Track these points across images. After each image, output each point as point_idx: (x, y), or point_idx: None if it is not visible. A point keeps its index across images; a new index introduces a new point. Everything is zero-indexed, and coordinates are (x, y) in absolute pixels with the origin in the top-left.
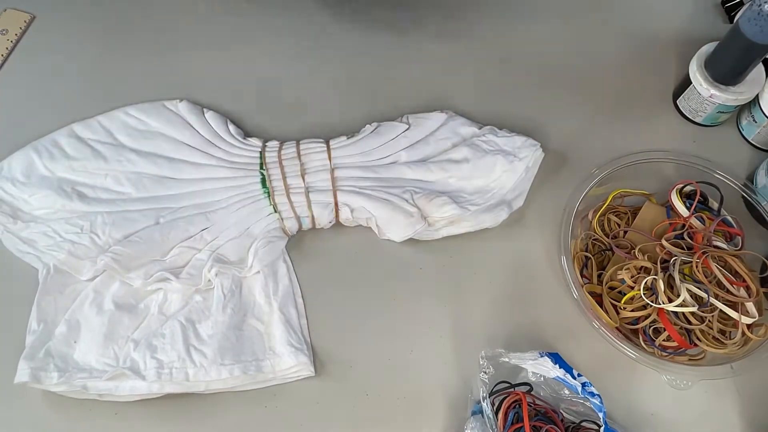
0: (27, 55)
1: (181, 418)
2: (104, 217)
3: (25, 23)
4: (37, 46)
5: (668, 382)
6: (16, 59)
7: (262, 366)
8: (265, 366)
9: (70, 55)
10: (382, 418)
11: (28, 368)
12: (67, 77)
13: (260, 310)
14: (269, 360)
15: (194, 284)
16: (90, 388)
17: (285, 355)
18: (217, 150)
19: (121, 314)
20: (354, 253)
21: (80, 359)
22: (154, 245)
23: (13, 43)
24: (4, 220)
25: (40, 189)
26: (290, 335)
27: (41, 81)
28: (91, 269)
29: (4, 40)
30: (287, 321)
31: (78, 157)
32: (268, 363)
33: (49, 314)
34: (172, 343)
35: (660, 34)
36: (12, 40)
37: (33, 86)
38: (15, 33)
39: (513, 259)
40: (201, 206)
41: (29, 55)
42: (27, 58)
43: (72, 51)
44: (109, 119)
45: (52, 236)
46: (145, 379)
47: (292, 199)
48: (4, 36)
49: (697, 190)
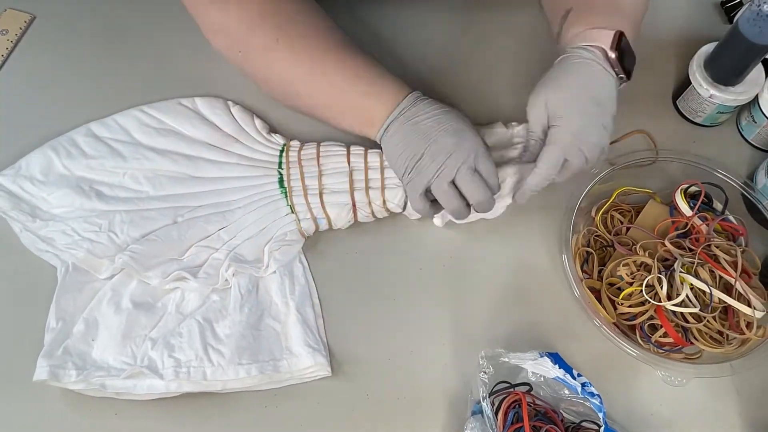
0: (27, 55)
1: (180, 419)
2: (122, 216)
3: (25, 23)
4: (37, 46)
5: (663, 378)
6: (16, 59)
7: (279, 366)
8: (282, 366)
9: (70, 55)
10: (382, 418)
11: (47, 366)
12: (67, 77)
13: (277, 310)
14: (286, 360)
15: (211, 284)
16: (108, 386)
17: (302, 356)
18: (239, 146)
19: (139, 313)
20: (354, 253)
21: (98, 357)
22: (172, 244)
23: (13, 43)
24: (23, 218)
25: (59, 187)
26: (307, 335)
27: (41, 81)
28: (109, 268)
29: (4, 40)
30: (304, 321)
31: (96, 155)
32: (285, 363)
33: (67, 312)
34: (189, 342)
35: (660, 34)
36: (12, 40)
37: (33, 86)
38: (15, 33)
39: (513, 259)
40: (218, 205)
41: (29, 55)
42: (27, 58)
43: (72, 51)
44: (125, 118)
45: (71, 235)
46: (163, 378)
47: (310, 200)
48: (4, 36)
49: (701, 191)
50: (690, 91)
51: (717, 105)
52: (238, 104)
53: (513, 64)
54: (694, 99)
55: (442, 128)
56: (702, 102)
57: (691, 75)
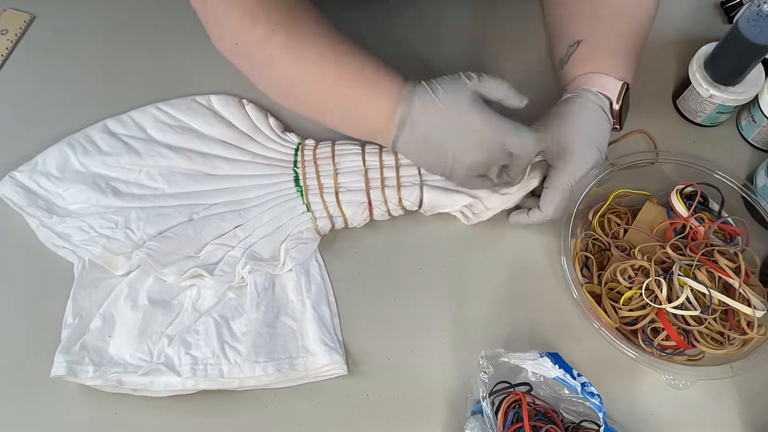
0: (27, 55)
1: (181, 419)
2: (138, 213)
3: (25, 23)
4: (37, 46)
5: (667, 381)
6: (16, 59)
7: (296, 364)
8: (299, 364)
9: (70, 55)
10: (381, 418)
11: (64, 362)
12: (67, 77)
13: (293, 308)
14: (302, 358)
15: (228, 281)
16: (125, 382)
17: (319, 354)
18: (253, 144)
19: (155, 310)
20: (354, 253)
21: (115, 353)
22: (188, 241)
23: (13, 43)
24: (39, 214)
25: (75, 184)
26: (324, 334)
27: (41, 81)
28: (125, 264)
29: (4, 40)
30: (320, 319)
31: (111, 152)
32: (302, 361)
33: (84, 308)
34: (206, 340)
35: (660, 34)
36: (12, 40)
37: (33, 86)
38: (15, 33)
39: (513, 259)
40: (234, 203)
41: (29, 55)
42: (27, 58)
43: (72, 51)
44: (141, 114)
45: (87, 231)
46: (180, 375)
47: (325, 199)
48: (4, 36)
49: (697, 191)
50: (690, 91)
51: (717, 105)
52: (252, 102)
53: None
54: (694, 99)
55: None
56: (702, 102)
57: (691, 75)
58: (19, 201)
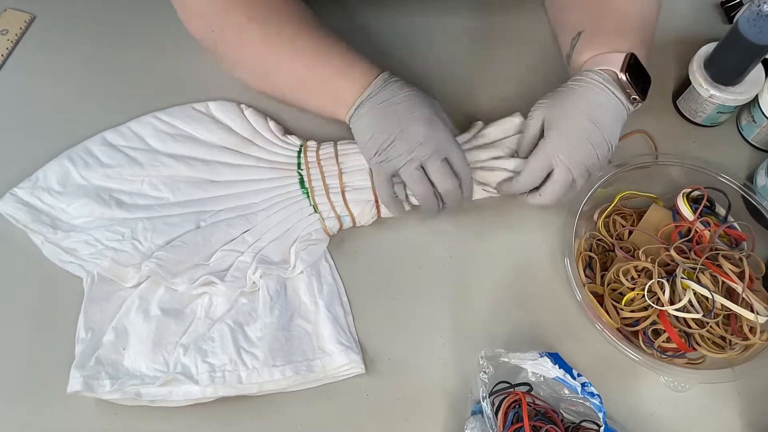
0: (27, 55)
1: (180, 419)
2: (144, 223)
3: (25, 23)
4: (37, 46)
5: (666, 384)
6: (16, 59)
7: (313, 366)
8: (316, 365)
9: (70, 55)
10: (382, 417)
11: (80, 377)
12: (67, 77)
13: (306, 310)
14: (320, 359)
15: (239, 287)
16: (143, 394)
17: (335, 354)
18: (255, 149)
19: (168, 320)
20: (354, 253)
21: (130, 366)
22: (197, 249)
23: (13, 43)
24: (44, 230)
25: (78, 198)
26: (339, 333)
27: (41, 81)
28: (135, 276)
29: (4, 40)
30: (335, 319)
31: (112, 164)
32: (319, 362)
33: (96, 322)
34: (222, 347)
35: (659, 34)
36: (12, 40)
37: (33, 86)
38: (15, 33)
39: (513, 259)
40: (240, 209)
41: (29, 55)
42: (27, 58)
43: (72, 51)
44: (139, 125)
45: (94, 244)
46: (199, 384)
47: (332, 199)
48: (4, 36)
49: (704, 195)
50: (690, 91)
51: (717, 105)
52: (251, 107)
53: (517, 69)
54: (694, 99)
55: (415, 115)
56: (702, 102)
57: (691, 75)
58: (22, 218)
